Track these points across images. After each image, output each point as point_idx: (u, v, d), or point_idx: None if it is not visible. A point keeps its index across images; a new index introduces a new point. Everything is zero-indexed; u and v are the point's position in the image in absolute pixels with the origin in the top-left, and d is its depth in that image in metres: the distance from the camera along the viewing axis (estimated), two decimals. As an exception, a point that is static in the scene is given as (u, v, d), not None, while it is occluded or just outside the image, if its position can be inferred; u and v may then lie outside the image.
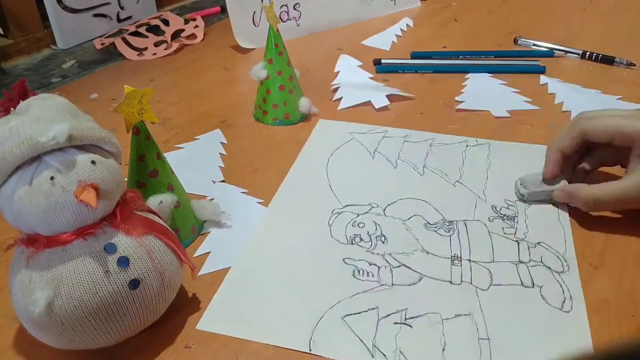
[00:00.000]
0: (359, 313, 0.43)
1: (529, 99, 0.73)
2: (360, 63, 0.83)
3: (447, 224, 0.52)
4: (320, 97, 0.74)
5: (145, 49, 0.90)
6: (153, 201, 0.46)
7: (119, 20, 0.97)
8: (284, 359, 0.40)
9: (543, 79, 0.78)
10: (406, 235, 0.51)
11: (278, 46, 0.65)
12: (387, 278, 0.46)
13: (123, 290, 0.36)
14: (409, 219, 0.52)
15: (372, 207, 0.54)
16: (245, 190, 0.57)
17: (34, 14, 0.88)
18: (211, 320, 0.42)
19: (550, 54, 0.85)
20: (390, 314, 0.43)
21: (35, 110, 0.35)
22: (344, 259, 0.48)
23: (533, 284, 0.45)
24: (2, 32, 0.84)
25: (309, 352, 0.40)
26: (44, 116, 0.35)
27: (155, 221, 0.41)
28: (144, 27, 0.95)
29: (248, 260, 0.48)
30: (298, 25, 0.94)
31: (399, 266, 0.47)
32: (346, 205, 0.54)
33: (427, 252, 0.49)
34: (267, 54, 0.66)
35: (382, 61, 0.83)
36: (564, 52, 0.85)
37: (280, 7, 0.91)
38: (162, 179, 0.47)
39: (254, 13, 0.89)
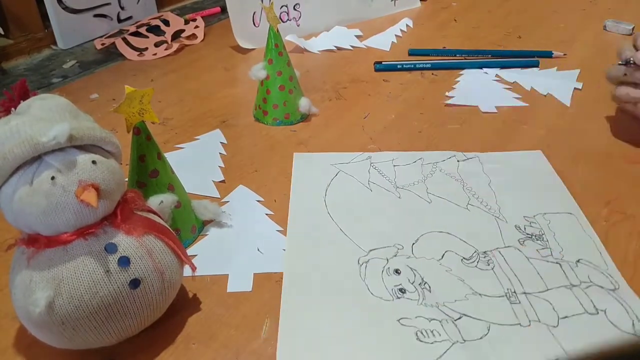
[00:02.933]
0: None
1: (519, 96, 0.74)
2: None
3: (483, 255, 0.48)
4: (320, 97, 0.74)
5: (146, 49, 0.90)
6: (153, 201, 0.46)
7: (120, 21, 0.97)
8: None
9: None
10: (449, 279, 0.45)
11: (278, 46, 0.65)
12: (454, 333, 0.41)
13: (124, 290, 0.36)
14: (442, 257, 0.48)
15: (398, 249, 0.48)
16: (251, 191, 0.57)
17: (34, 14, 0.88)
18: None
19: (548, 54, 0.85)
20: None
21: (35, 111, 0.35)
22: (399, 321, 0.42)
23: (596, 309, 0.42)
24: (2, 32, 0.84)
25: None
26: (45, 116, 0.35)
27: (156, 221, 0.41)
28: (144, 28, 0.95)
29: (292, 347, 0.40)
30: (298, 26, 0.94)
31: (459, 317, 0.42)
32: (370, 251, 0.48)
33: (480, 295, 0.44)
34: (267, 54, 0.66)
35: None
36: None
37: (280, 8, 0.91)
38: (162, 179, 0.47)
39: (254, 13, 0.89)
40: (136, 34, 0.94)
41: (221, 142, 0.65)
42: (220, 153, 0.63)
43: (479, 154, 0.61)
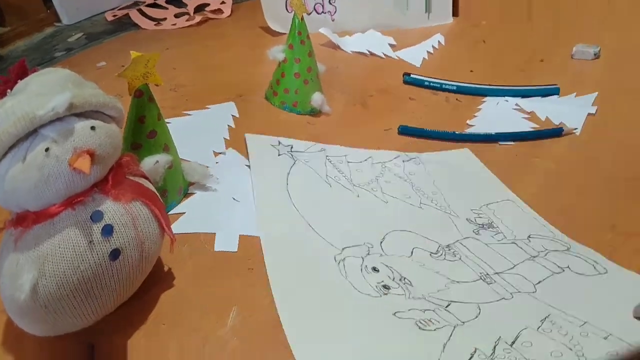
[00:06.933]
0: None
1: (537, 126, 0.71)
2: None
3: (447, 248, 0.50)
4: (346, 100, 0.72)
5: (164, 19, 0.87)
6: (149, 161, 0.45)
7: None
8: (250, 347, 0.39)
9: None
10: (426, 272, 0.47)
11: (301, 34, 0.65)
12: (450, 318, 0.42)
13: (104, 262, 0.36)
14: (412, 254, 0.49)
15: (369, 247, 0.49)
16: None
17: None
18: None
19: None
20: (494, 349, 0.40)
21: (34, 87, 0.35)
22: (394, 314, 0.42)
23: (561, 268, 0.48)
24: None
25: None
26: (44, 91, 0.34)
27: (146, 187, 0.40)
28: (164, 0, 0.92)
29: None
30: (333, 20, 0.92)
31: (448, 305, 0.44)
32: (343, 249, 0.49)
33: (459, 282, 0.46)
34: (288, 39, 0.66)
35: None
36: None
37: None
38: (159, 140, 0.47)
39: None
40: (154, 5, 0.90)
41: (232, 115, 0.64)
42: (228, 125, 0.62)
43: (419, 155, 0.64)
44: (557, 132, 0.73)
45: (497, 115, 0.75)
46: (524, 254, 0.49)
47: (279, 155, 0.60)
